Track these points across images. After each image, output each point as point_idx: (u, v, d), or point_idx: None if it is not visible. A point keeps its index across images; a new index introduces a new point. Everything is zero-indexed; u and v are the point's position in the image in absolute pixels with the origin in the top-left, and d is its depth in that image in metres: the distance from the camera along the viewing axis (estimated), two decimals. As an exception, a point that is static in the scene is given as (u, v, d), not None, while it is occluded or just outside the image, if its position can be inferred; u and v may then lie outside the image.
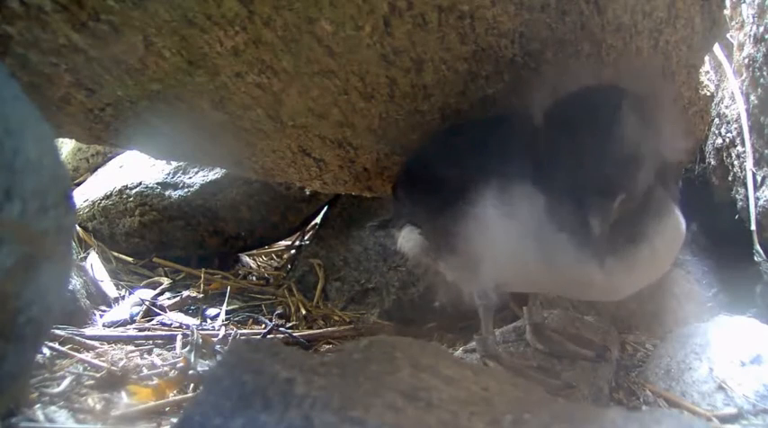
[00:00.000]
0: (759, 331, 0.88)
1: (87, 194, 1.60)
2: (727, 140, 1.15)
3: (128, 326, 1.15)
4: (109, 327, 1.13)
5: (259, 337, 1.14)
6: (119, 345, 1.02)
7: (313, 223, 1.69)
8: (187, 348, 1.00)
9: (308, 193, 1.56)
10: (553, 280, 0.76)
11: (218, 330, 1.15)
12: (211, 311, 1.29)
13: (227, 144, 1.00)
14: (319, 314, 1.30)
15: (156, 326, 1.16)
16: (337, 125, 0.94)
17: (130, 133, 0.96)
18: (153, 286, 1.41)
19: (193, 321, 1.21)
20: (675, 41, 0.94)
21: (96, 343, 1.00)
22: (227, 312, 1.28)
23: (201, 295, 1.36)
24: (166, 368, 0.93)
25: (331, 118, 0.93)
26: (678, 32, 0.94)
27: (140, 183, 1.54)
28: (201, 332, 1.07)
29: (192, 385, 0.87)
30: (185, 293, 1.36)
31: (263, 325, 1.22)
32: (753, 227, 1.05)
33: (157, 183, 1.53)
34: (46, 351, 0.90)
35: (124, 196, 1.53)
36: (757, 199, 1.05)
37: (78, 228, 1.53)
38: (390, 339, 0.67)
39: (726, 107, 1.16)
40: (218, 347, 1.03)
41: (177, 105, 0.89)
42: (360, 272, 1.38)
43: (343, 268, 1.41)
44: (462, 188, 0.78)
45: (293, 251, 1.74)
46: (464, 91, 0.91)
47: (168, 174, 1.55)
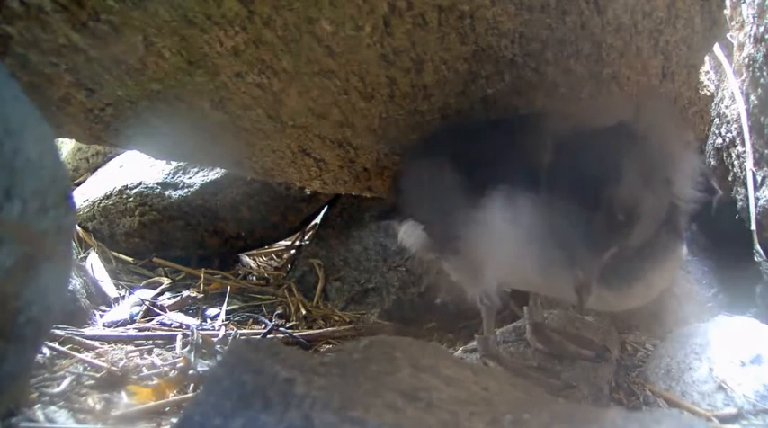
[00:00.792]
0: (759, 331, 0.88)
1: (87, 194, 1.60)
2: (727, 140, 1.15)
3: (128, 326, 1.15)
4: (109, 327, 1.13)
5: (259, 337, 1.14)
6: (119, 345, 1.02)
7: (313, 223, 1.69)
8: (187, 348, 1.00)
9: (308, 193, 1.56)
10: (553, 287, 0.76)
11: (218, 330, 1.15)
12: (211, 311, 1.29)
13: (227, 144, 1.00)
14: (319, 314, 1.30)
15: (156, 326, 1.16)
16: (337, 125, 0.94)
17: (130, 133, 0.96)
18: (153, 286, 1.41)
19: (193, 321, 1.21)
20: (675, 41, 0.94)
21: (96, 343, 1.00)
22: (227, 312, 1.28)
23: (201, 295, 1.36)
24: (166, 368, 0.93)
25: (331, 118, 0.93)
26: (678, 32, 0.94)
27: (140, 183, 1.54)
28: (201, 332, 1.07)
29: (192, 385, 0.87)
30: (185, 293, 1.36)
31: (263, 325, 1.22)
32: (753, 227, 1.05)
33: (157, 183, 1.53)
34: (46, 351, 0.90)
35: (124, 196, 1.53)
36: (757, 199, 1.05)
37: (78, 228, 1.53)
38: (390, 339, 0.67)
39: (726, 107, 1.16)
40: (218, 347, 1.03)
41: (177, 105, 0.89)
42: (360, 272, 1.38)
43: (343, 268, 1.40)
44: (469, 192, 0.78)
45: (293, 251, 1.74)
46: (464, 91, 0.91)
47: (168, 174, 1.55)
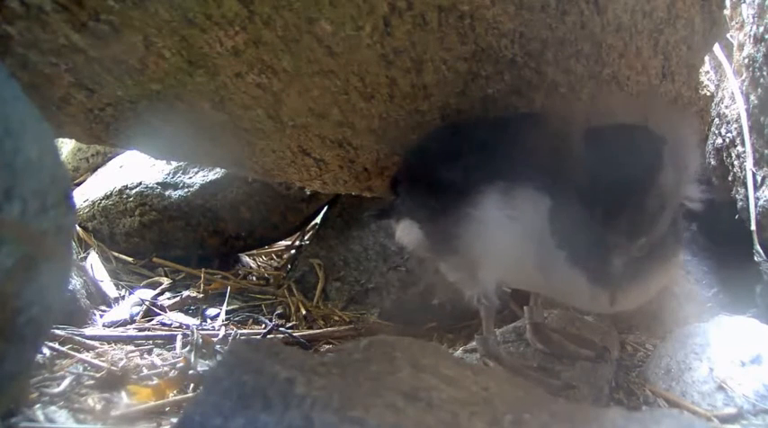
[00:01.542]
0: (759, 331, 0.88)
1: (87, 194, 1.60)
2: (727, 140, 1.15)
3: (128, 326, 1.15)
4: (109, 327, 1.13)
5: (259, 337, 1.14)
6: (119, 345, 1.02)
7: (313, 223, 1.69)
8: (187, 348, 1.00)
9: (308, 193, 1.56)
10: (549, 286, 0.76)
11: (218, 330, 1.15)
12: (211, 311, 1.29)
13: (227, 144, 1.00)
14: (319, 314, 1.30)
15: (156, 326, 1.16)
16: (337, 125, 0.94)
17: (130, 133, 0.96)
18: (153, 286, 1.40)
19: (193, 321, 1.21)
20: (675, 41, 0.95)
21: (96, 343, 1.00)
22: (227, 312, 1.28)
23: (201, 295, 1.36)
24: (166, 368, 0.93)
25: (331, 118, 0.93)
26: (678, 32, 0.94)
27: (140, 183, 1.54)
28: (201, 332, 1.07)
29: (192, 385, 0.87)
30: (185, 293, 1.36)
31: (263, 325, 1.22)
32: (753, 227, 1.05)
33: (157, 183, 1.53)
34: (46, 351, 0.90)
35: (124, 196, 1.53)
36: (757, 199, 1.05)
37: (78, 228, 1.53)
38: (390, 339, 0.67)
39: (726, 107, 1.16)
40: (218, 347, 1.03)
41: (177, 105, 0.89)
42: (360, 272, 1.38)
43: (343, 268, 1.40)
44: (466, 189, 0.78)
45: (293, 251, 1.74)
46: (464, 91, 0.91)
47: (168, 174, 1.55)
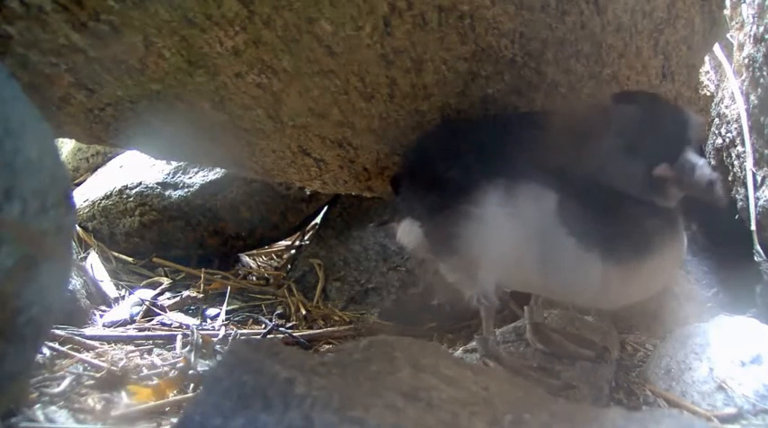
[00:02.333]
0: (759, 331, 0.88)
1: (87, 194, 1.60)
2: (727, 140, 1.15)
3: (128, 326, 1.15)
4: (109, 327, 1.13)
5: (259, 337, 1.14)
6: (119, 345, 1.02)
7: (313, 223, 1.69)
8: (187, 348, 1.00)
9: (308, 193, 1.56)
10: (550, 283, 0.77)
11: (218, 330, 1.15)
12: (211, 311, 1.29)
13: (227, 144, 1.00)
14: (319, 314, 1.30)
15: (156, 326, 1.16)
16: (337, 125, 0.94)
17: (130, 133, 0.96)
18: (153, 286, 1.41)
19: (193, 321, 1.21)
20: (675, 41, 0.95)
21: (96, 343, 1.00)
22: (227, 312, 1.28)
23: (201, 295, 1.36)
24: (166, 368, 0.93)
25: (331, 118, 0.93)
26: (678, 32, 0.94)
27: (140, 183, 1.54)
28: (201, 332, 1.07)
29: (192, 385, 0.87)
30: (185, 293, 1.36)
31: (263, 325, 1.22)
32: (753, 227, 1.05)
33: (157, 183, 1.53)
34: (46, 351, 0.90)
35: (124, 196, 1.53)
36: (757, 199, 1.05)
37: (78, 228, 1.53)
38: (390, 339, 0.67)
39: (726, 107, 1.16)
40: (218, 347, 1.03)
41: (177, 105, 0.89)
42: (360, 272, 1.38)
43: (343, 268, 1.40)
44: (466, 187, 0.78)
45: (293, 251, 1.74)
46: (464, 91, 0.91)
47: (168, 174, 1.55)
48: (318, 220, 1.64)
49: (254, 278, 1.59)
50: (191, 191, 1.52)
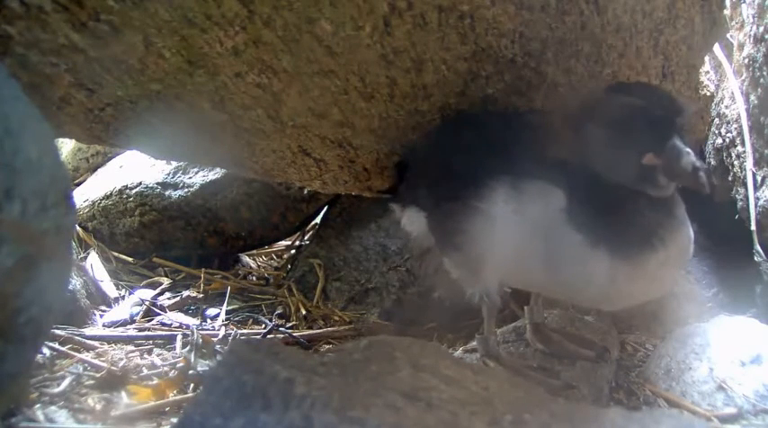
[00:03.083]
0: (759, 331, 0.88)
1: (87, 194, 1.60)
2: (727, 140, 1.15)
3: (128, 326, 1.15)
4: (109, 327, 1.14)
5: (259, 337, 1.14)
6: (119, 345, 1.02)
7: (313, 223, 1.69)
8: (187, 348, 1.00)
9: (308, 193, 1.56)
10: (557, 281, 0.76)
11: (218, 330, 1.15)
12: (211, 311, 1.29)
13: (227, 144, 1.00)
14: (319, 314, 1.30)
15: (156, 326, 1.16)
16: (337, 125, 0.94)
17: (130, 133, 0.96)
18: (153, 286, 1.41)
19: (193, 321, 1.21)
20: (675, 41, 0.95)
21: (96, 343, 1.00)
22: (227, 312, 1.28)
23: (201, 295, 1.36)
24: (166, 368, 0.93)
25: (331, 118, 0.93)
26: (678, 32, 0.94)
27: (140, 183, 1.54)
28: (201, 332, 1.07)
29: (192, 385, 0.87)
30: (185, 293, 1.36)
31: (263, 325, 1.22)
32: (753, 227, 1.05)
33: (157, 183, 1.53)
34: (46, 351, 0.90)
35: (124, 196, 1.53)
36: (757, 199, 1.05)
37: (78, 228, 1.53)
38: (390, 339, 0.67)
39: (726, 107, 1.16)
40: (218, 347, 1.03)
41: (177, 105, 0.89)
42: (360, 272, 1.38)
43: (343, 268, 1.40)
44: (472, 183, 0.78)
45: (293, 251, 1.74)
46: (464, 91, 0.91)
47: (168, 174, 1.55)
48: (318, 220, 1.64)
49: (254, 278, 1.59)
50: (191, 191, 1.52)
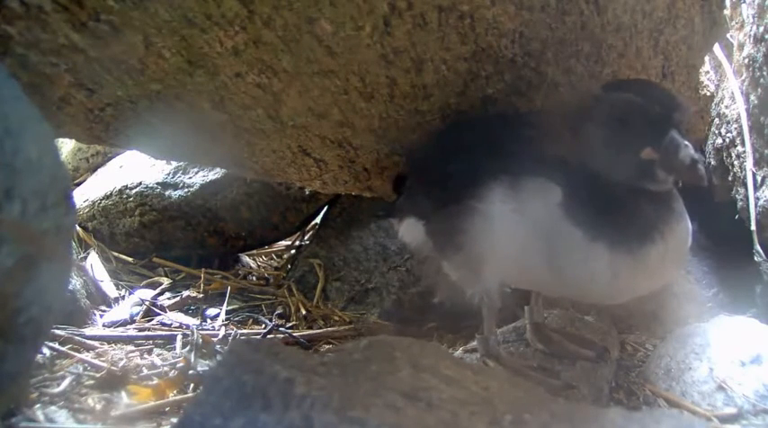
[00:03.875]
0: (759, 331, 0.88)
1: (87, 194, 1.60)
2: (727, 140, 1.15)
3: (128, 326, 1.15)
4: (109, 327, 1.13)
5: (259, 337, 1.14)
6: (119, 345, 1.02)
7: (313, 223, 1.69)
8: (187, 348, 1.00)
9: (308, 193, 1.56)
10: (558, 278, 0.76)
11: (218, 330, 1.15)
12: (211, 311, 1.29)
13: (227, 144, 1.00)
14: (319, 314, 1.30)
15: (156, 326, 1.16)
16: (337, 125, 0.94)
17: (130, 133, 0.96)
18: (153, 286, 1.41)
19: (193, 321, 1.21)
20: (675, 41, 0.95)
21: (96, 343, 1.00)
22: (227, 312, 1.28)
23: (201, 295, 1.36)
24: (166, 368, 0.93)
25: (331, 118, 0.93)
26: (678, 32, 0.94)
27: (140, 183, 1.54)
28: (201, 332, 1.07)
29: (192, 385, 0.87)
30: (185, 293, 1.36)
31: (263, 325, 1.22)
32: (753, 227, 1.05)
33: (157, 183, 1.53)
34: (46, 351, 0.90)
35: (124, 196, 1.53)
36: (757, 199, 1.05)
37: (78, 228, 1.53)
38: (390, 339, 0.67)
39: (726, 107, 1.16)
40: (218, 347, 1.03)
41: (177, 105, 0.89)
42: (360, 272, 1.38)
43: (343, 268, 1.40)
44: (470, 183, 0.78)
45: (293, 251, 1.74)
46: (464, 91, 0.91)
47: (168, 174, 1.55)
48: (318, 220, 1.64)
49: (254, 278, 1.59)
50: (191, 191, 1.52)
